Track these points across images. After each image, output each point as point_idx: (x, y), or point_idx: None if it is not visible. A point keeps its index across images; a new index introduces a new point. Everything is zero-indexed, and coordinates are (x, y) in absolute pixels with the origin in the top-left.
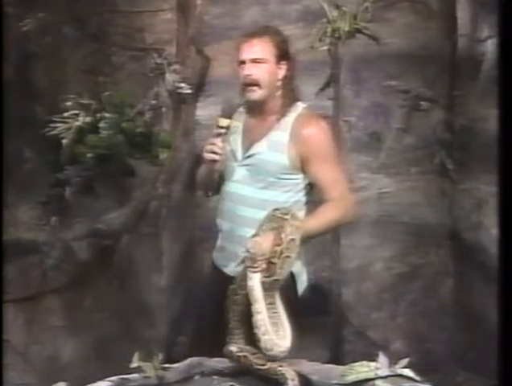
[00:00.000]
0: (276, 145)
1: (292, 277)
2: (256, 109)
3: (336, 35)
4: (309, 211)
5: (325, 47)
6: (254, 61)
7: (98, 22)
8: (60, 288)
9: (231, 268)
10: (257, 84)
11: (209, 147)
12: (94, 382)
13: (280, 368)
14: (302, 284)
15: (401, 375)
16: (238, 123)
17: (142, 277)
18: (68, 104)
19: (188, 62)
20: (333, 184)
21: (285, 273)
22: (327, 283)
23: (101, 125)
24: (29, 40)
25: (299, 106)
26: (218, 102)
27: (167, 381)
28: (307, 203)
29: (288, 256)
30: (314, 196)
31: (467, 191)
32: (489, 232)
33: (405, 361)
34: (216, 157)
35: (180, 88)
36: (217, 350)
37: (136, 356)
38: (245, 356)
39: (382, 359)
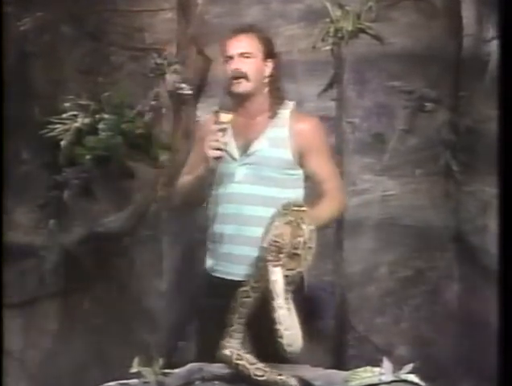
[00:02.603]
0: (277, 140)
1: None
2: (244, 107)
3: (339, 35)
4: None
5: (328, 47)
6: (242, 55)
7: (97, 22)
8: (59, 292)
9: (238, 272)
10: (244, 77)
11: (214, 144)
12: None
13: (281, 377)
14: (306, 281)
15: (405, 381)
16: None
17: (142, 280)
18: (67, 104)
19: (189, 62)
20: (330, 177)
21: (307, 264)
22: (330, 287)
23: (100, 126)
24: (27, 40)
25: (290, 103)
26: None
27: None
28: (304, 198)
29: (310, 247)
30: (308, 191)
31: (472, 193)
32: (495, 234)
33: (409, 366)
34: (222, 153)
35: (181, 88)
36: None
37: (136, 361)
38: (243, 365)
39: (386, 364)
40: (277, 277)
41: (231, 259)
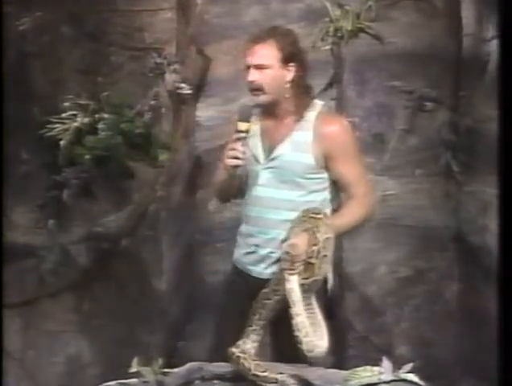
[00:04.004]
0: (300, 145)
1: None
2: (270, 112)
3: (339, 35)
4: (333, 209)
5: (328, 47)
6: (258, 67)
7: (97, 22)
8: (58, 292)
9: (260, 270)
10: (261, 89)
11: (231, 153)
12: None
13: (281, 375)
14: (330, 283)
15: (405, 380)
16: (255, 127)
17: (141, 280)
18: (66, 104)
19: (188, 62)
20: (358, 181)
21: (323, 272)
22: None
23: (100, 126)
24: (26, 40)
25: (318, 104)
26: (219, 103)
27: None
28: (332, 201)
29: (325, 255)
30: (337, 194)
31: (472, 194)
32: (495, 235)
33: (409, 366)
34: (239, 162)
35: (180, 88)
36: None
37: (135, 361)
38: (245, 358)
39: (386, 363)
40: (292, 285)
41: (255, 257)
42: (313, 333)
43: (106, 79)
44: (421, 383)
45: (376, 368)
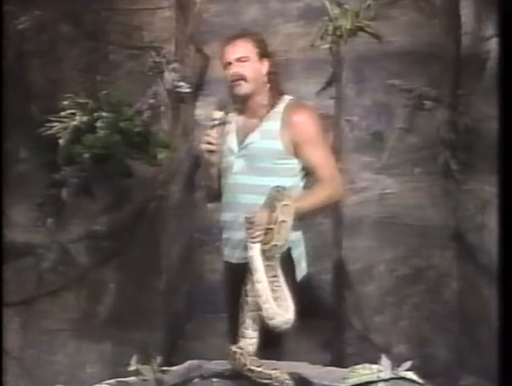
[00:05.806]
0: (268, 133)
1: (292, 262)
2: (246, 106)
3: (338, 33)
4: None
5: (327, 46)
6: (239, 60)
7: (95, 20)
8: (57, 291)
9: (237, 256)
10: (243, 79)
11: (205, 138)
12: (92, 385)
13: (275, 371)
14: (301, 270)
15: (403, 378)
16: (232, 123)
17: (140, 279)
18: (65, 103)
19: (187, 60)
20: (323, 166)
21: (283, 238)
22: (329, 285)
23: (98, 124)
24: (25, 38)
25: (287, 98)
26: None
27: (166, 384)
28: (305, 187)
29: (284, 221)
30: (311, 181)
31: (471, 192)
32: (494, 233)
33: (408, 364)
34: (212, 147)
35: (179, 86)
36: None
37: (134, 359)
38: (241, 354)
39: (385, 361)
40: (253, 252)
41: (231, 244)
42: (275, 302)
43: (105, 77)
44: (420, 381)
45: (375, 366)
